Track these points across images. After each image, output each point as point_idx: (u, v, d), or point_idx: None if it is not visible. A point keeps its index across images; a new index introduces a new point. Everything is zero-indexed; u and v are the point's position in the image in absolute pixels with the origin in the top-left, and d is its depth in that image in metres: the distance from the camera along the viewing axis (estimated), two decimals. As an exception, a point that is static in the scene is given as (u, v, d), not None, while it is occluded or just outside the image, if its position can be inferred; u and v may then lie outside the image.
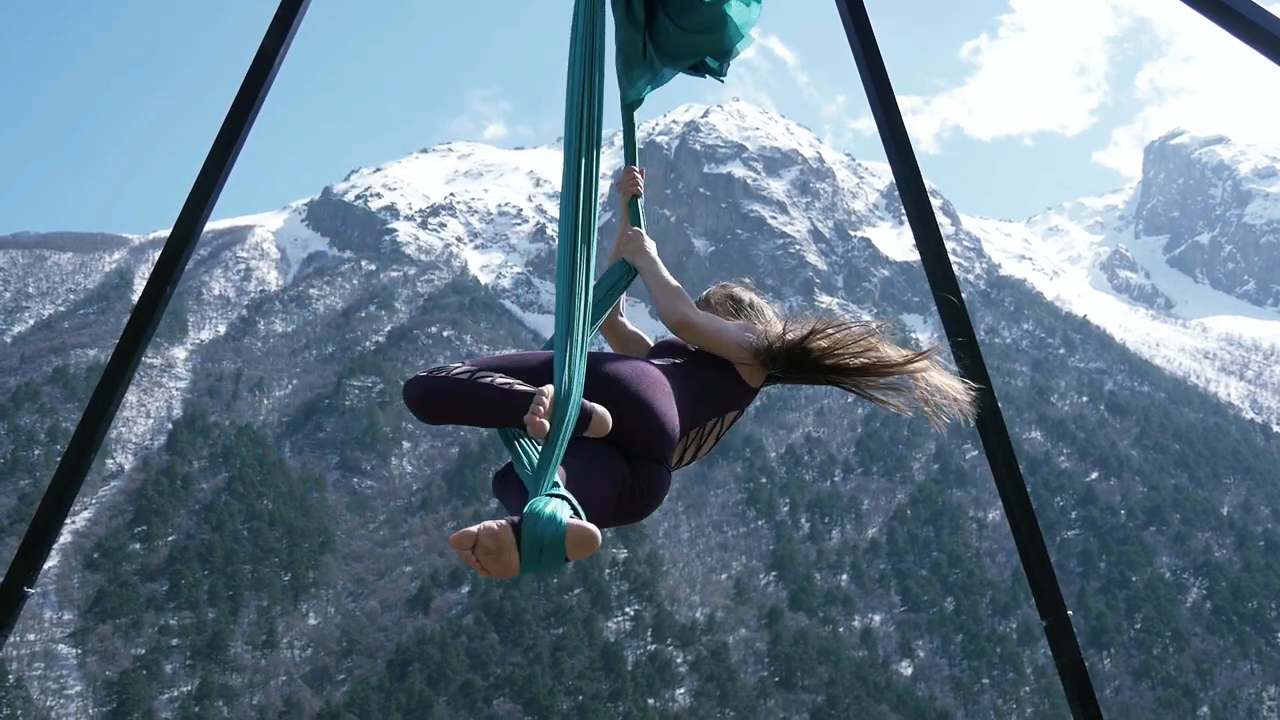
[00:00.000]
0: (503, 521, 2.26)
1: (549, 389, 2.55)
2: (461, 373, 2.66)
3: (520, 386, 2.62)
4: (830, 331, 2.93)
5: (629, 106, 3.54)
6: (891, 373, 2.90)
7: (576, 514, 2.32)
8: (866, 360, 2.90)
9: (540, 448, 2.56)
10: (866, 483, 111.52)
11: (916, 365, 2.89)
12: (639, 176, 3.43)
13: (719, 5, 3.31)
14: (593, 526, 2.27)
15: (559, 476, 2.47)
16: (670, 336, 3.10)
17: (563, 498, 2.35)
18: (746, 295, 3.20)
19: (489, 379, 2.64)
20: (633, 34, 3.35)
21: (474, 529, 2.22)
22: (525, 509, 2.29)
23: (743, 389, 3.01)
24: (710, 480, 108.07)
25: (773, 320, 3.13)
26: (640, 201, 3.43)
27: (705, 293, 3.27)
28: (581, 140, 2.92)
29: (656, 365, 2.91)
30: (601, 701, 70.92)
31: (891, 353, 2.92)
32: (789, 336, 2.97)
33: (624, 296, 3.33)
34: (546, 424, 2.47)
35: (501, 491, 2.71)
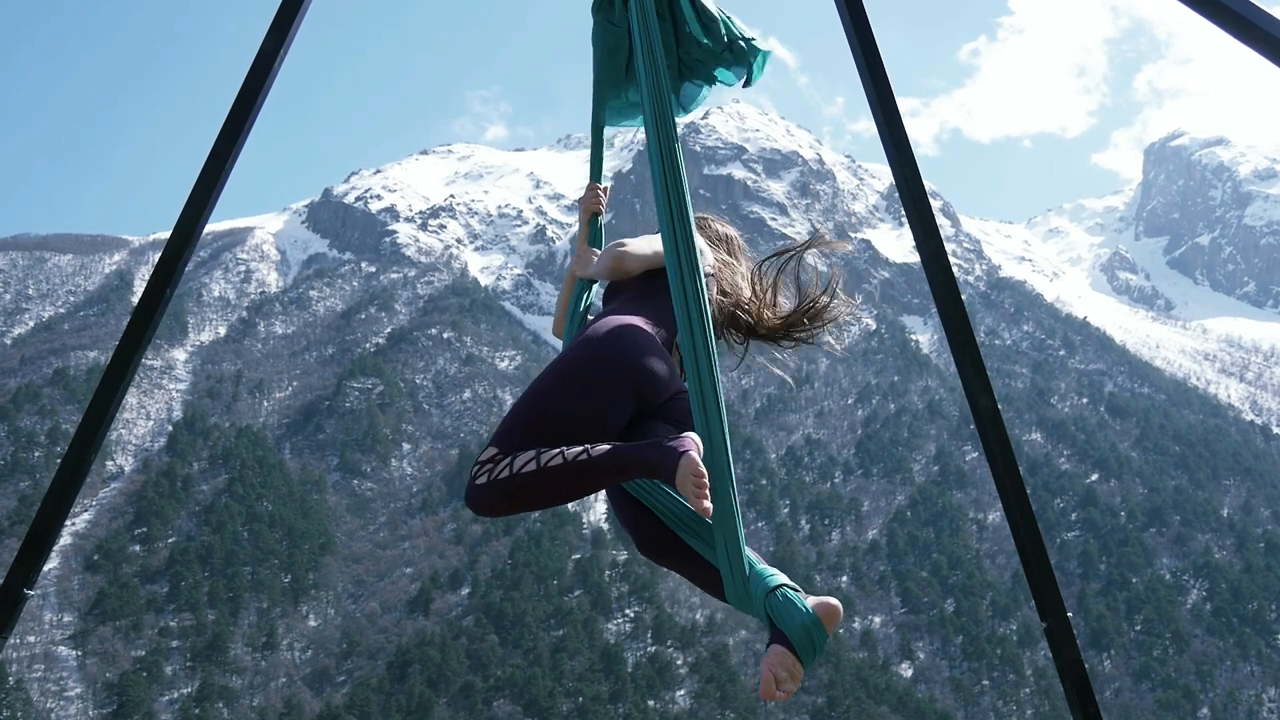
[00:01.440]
0: (773, 648, 2.40)
1: (694, 446, 2.45)
2: (527, 464, 2.51)
3: (601, 448, 2.53)
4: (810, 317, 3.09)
5: (599, 126, 3.52)
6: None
7: (796, 588, 2.46)
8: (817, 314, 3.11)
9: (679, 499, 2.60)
10: (866, 484, 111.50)
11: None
12: (602, 194, 3.42)
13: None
14: (831, 599, 2.45)
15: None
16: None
17: (783, 584, 2.46)
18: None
19: (559, 460, 2.51)
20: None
21: (766, 675, 2.40)
22: (770, 614, 2.43)
23: None
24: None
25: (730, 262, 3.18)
26: (601, 219, 3.41)
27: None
28: (670, 195, 2.76)
29: (613, 309, 2.92)
30: (601, 703, 70.89)
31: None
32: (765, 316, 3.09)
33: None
34: (710, 504, 2.42)
35: (662, 559, 2.69)
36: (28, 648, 75.03)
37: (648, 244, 3.01)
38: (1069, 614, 3.13)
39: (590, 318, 3.15)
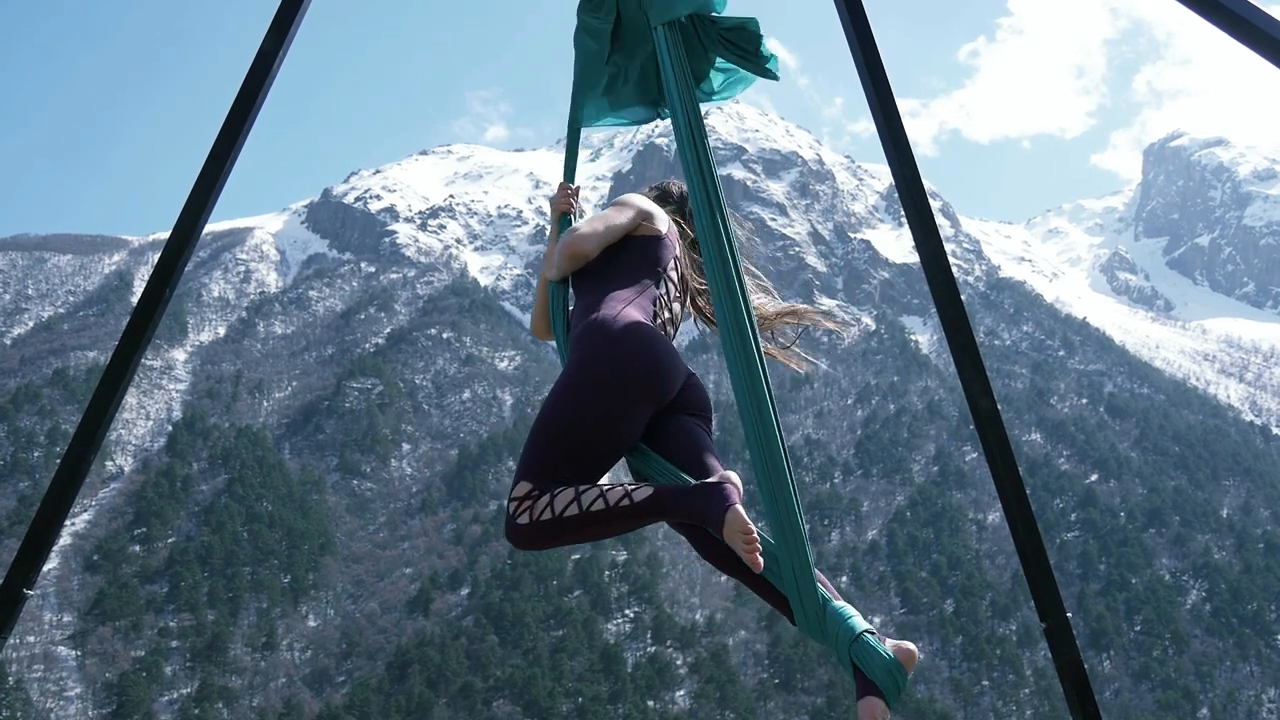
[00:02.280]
0: (868, 699, 2.46)
1: (737, 494, 2.52)
2: (568, 506, 2.53)
3: (644, 493, 2.55)
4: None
5: (575, 127, 3.53)
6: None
7: (870, 630, 2.51)
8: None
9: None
10: (866, 485, 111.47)
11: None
12: (572, 195, 3.42)
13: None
14: (906, 643, 2.51)
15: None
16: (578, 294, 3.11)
17: (864, 629, 2.51)
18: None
19: (600, 504, 2.54)
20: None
21: None
22: (855, 662, 2.49)
23: (655, 244, 3.04)
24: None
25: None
26: (573, 218, 3.41)
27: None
28: (716, 215, 2.86)
29: (592, 297, 2.91)
30: (601, 703, 70.88)
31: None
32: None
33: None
34: (763, 560, 2.49)
35: (722, 568, 2.71)
36: (27, 648, 75.02)
37: (599, 221, 3.03)
38: (1068, 614, 3.13)
39: (572, 309, 3.12)
